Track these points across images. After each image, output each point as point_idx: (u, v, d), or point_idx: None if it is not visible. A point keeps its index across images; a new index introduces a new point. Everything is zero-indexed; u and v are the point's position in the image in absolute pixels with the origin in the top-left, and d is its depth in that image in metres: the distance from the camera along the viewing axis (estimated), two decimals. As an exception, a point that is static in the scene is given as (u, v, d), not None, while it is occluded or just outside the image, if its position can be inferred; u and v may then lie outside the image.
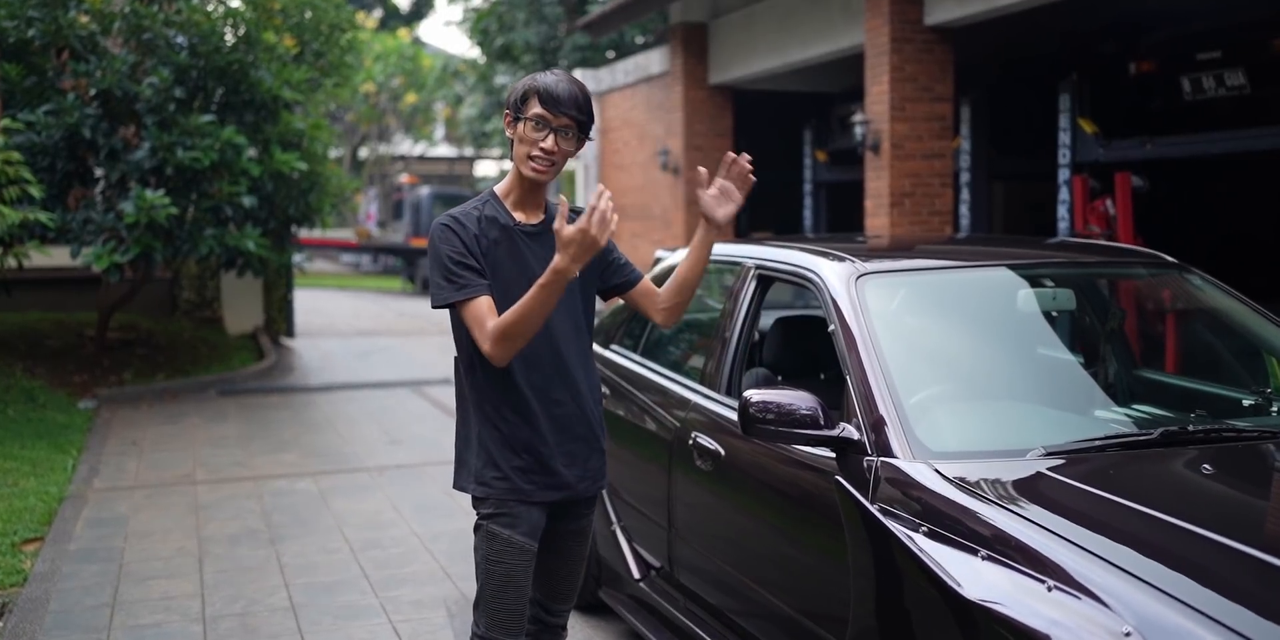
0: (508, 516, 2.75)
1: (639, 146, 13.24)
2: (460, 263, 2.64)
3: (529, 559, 2.77)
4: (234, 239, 9.49)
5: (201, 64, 9.38)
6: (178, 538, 5.74)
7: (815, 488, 2.97)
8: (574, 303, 2.82)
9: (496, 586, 2.76)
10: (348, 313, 18.36)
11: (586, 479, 2.86)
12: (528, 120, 2.66)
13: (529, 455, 2.75)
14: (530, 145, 2.67)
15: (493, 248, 2.71)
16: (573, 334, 2.81)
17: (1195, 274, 3.61)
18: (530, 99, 2.66)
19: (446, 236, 2.68)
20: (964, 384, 3.18)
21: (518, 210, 2.77)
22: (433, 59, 30.20)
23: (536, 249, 2.75)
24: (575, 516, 2.92)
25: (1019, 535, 2.33)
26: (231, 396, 10.21)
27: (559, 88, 2.65)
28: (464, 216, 2.72)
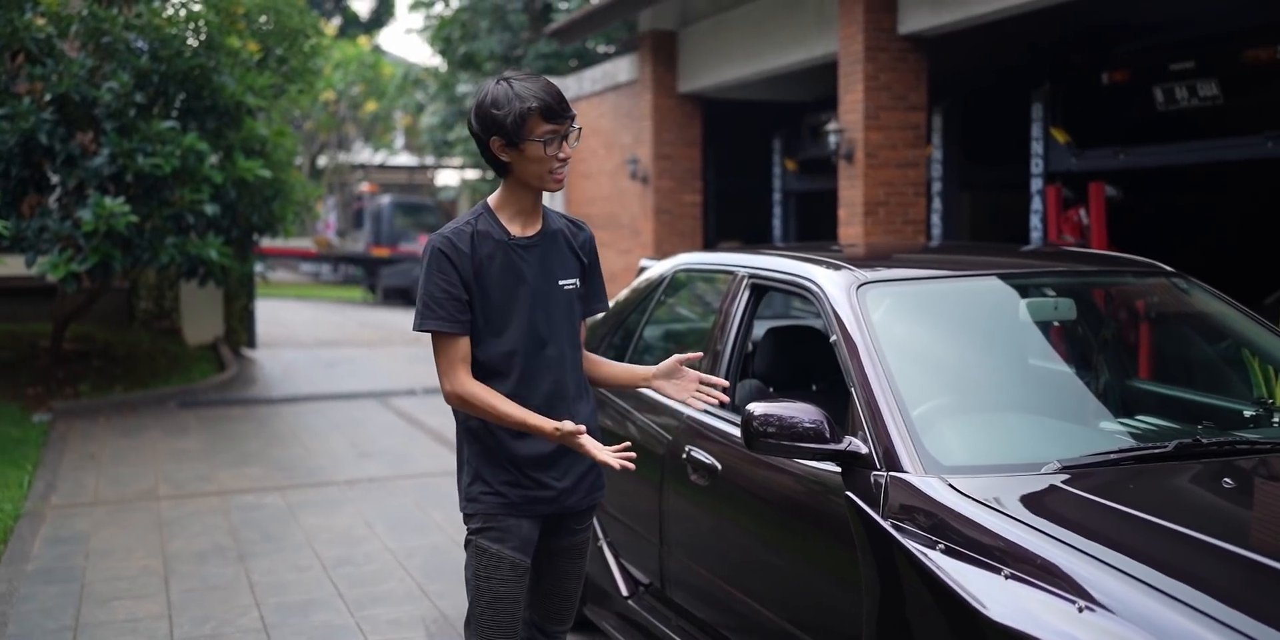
0: (496, 531, 2.71)
1: (606, 155, 13.15)
2: (446, 293, 2.63)
3: (519, 574, 2.72)
4: (196, 248, 9.29)
5: (163, 68, 9.18)
6: (141, 556, 5.56)
7: (820, 503, 2.87)
8: (569, 314, 2.78)
9: (487, 603, 2.71)
10: (309, 323, 18.10)
11: (578, 491, 2.80)
12: (537, 142, 2.59)
13: (516, 469, 2.71)
14: (548, 162, 2.63)
15: (486, 262, 2.67)
16: (566, 346, 2.77)
17: (1193, 282, 3.57)
18: (530, 120, 2.57)
19: (439, 263, 2.65)
20: (969, 396, 3.11)
21: (513, 223, 2.73)
22: (393, 67, 29.97)
23: (531, 261, 2.71)
24: (569, 532, 2.85)
25: (1044, 553, 2.25)
26: (192, 409, 9.99)
27: (551, 96, 2.59)
28: (457, 237, 2.67)
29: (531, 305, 2.70)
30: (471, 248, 2.66)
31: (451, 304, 2.63)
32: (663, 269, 4.32)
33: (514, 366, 2.70)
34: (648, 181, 11.78)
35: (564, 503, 2.77)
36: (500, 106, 2.57)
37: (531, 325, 2.70)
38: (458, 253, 2.65)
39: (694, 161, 11.81)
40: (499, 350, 2.69)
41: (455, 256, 2.64)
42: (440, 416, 9.24)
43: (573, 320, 2.79)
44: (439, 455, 7.93)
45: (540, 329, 2.71)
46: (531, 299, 2.70)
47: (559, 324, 2.74)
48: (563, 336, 2.75)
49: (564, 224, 2.83)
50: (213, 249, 9.33)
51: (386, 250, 22.97)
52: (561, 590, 2.91)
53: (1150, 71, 7.45)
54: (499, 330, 2.69)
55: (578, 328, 2.81)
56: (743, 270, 3.72)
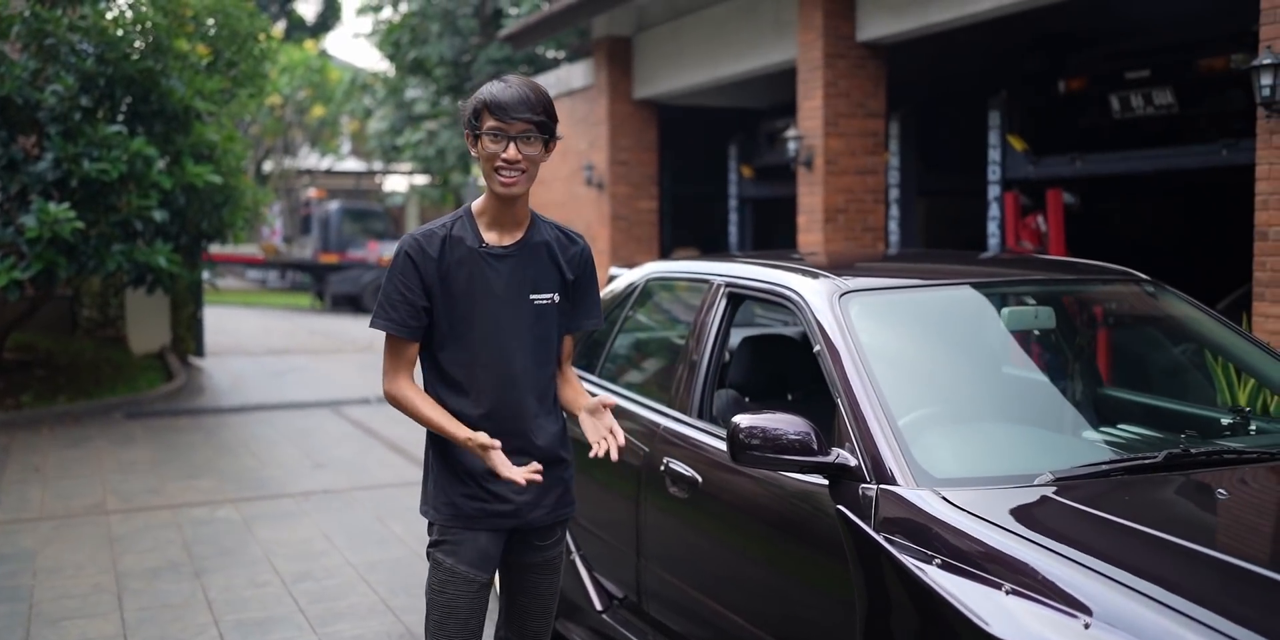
0: (450, 544, 2.68)
1: (561, 161, 13.07)
2: (402, 297, 2.62)
3: (474, 590, 2.68)
4: (144, 255, 9.08)
5: (109, 71, 8.96)
6: (92, 573, 5.39)
7: (806, 516, 2.82)
8: (541, 330, 2.71)
9: (439, 617, 2.69)
10: (257, 331, 17.81)
11: (541, 506, 2.74)
12: (484, 135, 2.57)
13: (473, 481, 2.67)
14: (490, 159, 2.58)
15: (454, 269, 2.63)
16: (531, 362, 2.70)
17: (1166, 289, 3.57)
18: (482, 114, 2.58)
19: (403, 266, 2.64)
20: (953, 405, 3.07)
21: (491, 230, 2.68)
22: (340, 72, 29.66)
23: (502, 271, 2.65)
24: (536, 548, 2.80)
25: (1045, 568, 2.21)
26: (139, 419, 9.76)
27: (505, 94, 2.56)
28: (427, 240, 2.64)
29: (496, 318, 2.65)
30: (440, 252, 2.62)
31: (405, 308, 2.61)
32: (633, 278, 4.25)
33: (471, 378, 2.66)
34: (603, 187, 11.72)
35: (525, 517, 2.71)
36: (471, 101, 2.62)
37: (493, 338, 2.65)
38: (424, 256, 2.61)
39: (650, 167, 11.77)
40: (458, 359, 2.66)
41: (420, 260, 2.61)
42: (396, 426, 9.10)
43: (544, 336, 2.71)
44: (396, 466, 7.80)
45: (502, 343, 2.65)
46: (497, 311, 2.65)
47: (525, 339, 2.67)
48: (528, 352, 2.68)
49: (555, 236, 2.76)
50: (161, 256, 9.13)
51: (335, 257, 22.68)
52: (536, 608, 2.85)
53: (1106, 80, 7.51)
54: (460, 339, 2.65)
55: (551, 343, 2.74)
56: (719, 279, 3.67)
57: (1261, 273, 5.28)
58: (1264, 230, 5.27)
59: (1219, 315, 3.53)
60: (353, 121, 31.05)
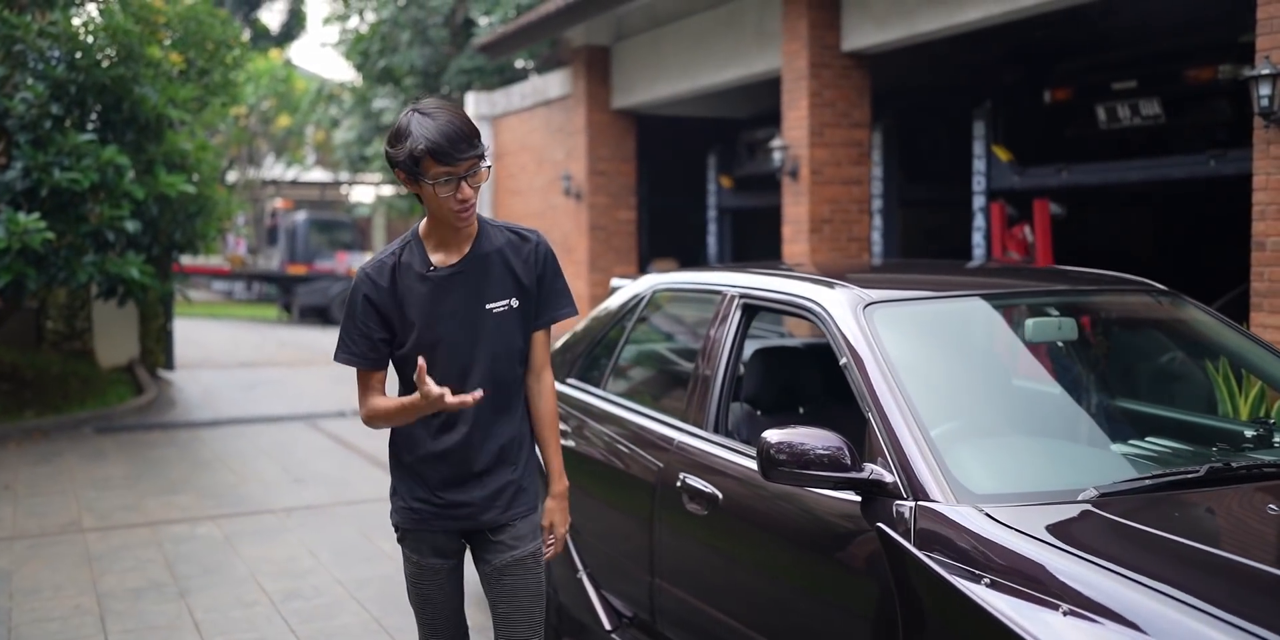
0: (412, 541, 2.82)
1: (537, 171, 12.97)
2: (359, 331, 2.69)
3: (443, 577, 2.81)
4: (115, 266, 8.89)
5: (80, 79, 8.78)
6: (72, 594, 5.22)
7: (839, 534, 2.74)
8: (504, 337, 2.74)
9: (418, 605, 2.86)
10: (226, 343, 17.56)
11: (494, 507, 2.76)
12: (432, 183, 2.54)
13: (426, 488, 2.76)
14: (446, 203, 2.57)
15: (408, 291, 2.69)
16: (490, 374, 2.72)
17: (1186, 300, 3.53)
18: (423, 161, 2.51)
19: (359, 302, 2.70)
20: (981, 419, 3.01)
21: (439, 251, 2.71)
22: (306, 82, 29.41)
23: (455, 290, 2.70)
24: (502, 547, 2.78)
25: (1103, 587, 2.14)
26: (110, 434, 9.55)
27: (444, 136, 2.49)
28: (378, 272, 2.69)
29: (454, 335, 2.69)
30: (391, 282, 2.68)
31: (364, 342, 2.69)
32: (639, 289, 4.16)
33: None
34: (581, 198, 11.63)
35: (479, 519, 2.76)
36: (396, 143, 2.55)
37: (454, 355, 2.70)
38: (377, 290, 2.68)
39: (629, 178, 11.70)
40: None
41: (374, 294, 2.68)
42: (374, 440, 8.95)
43: (506, 343, 2.74)
44: (378, 480, 7.65)
45: (462, 360, 2.70)
46: (454, 329, 2.69)
47: (485, 350, 2.71)
48: (488, 363, 2.71)
49: (506, 240, 2.75)
50: (133, 267, 8.95)
51: (303, 268, 22.42)
52: (518, 612, 2.79)
53: (1093, 90, 7.52)
54: (427, 362, 2.62)
55: (514, 349, 2.76)
56: (732, 290, 3.59)
57: (1259, 283, 5.27)
58: (1261, 240, 5.26)
59: (1236, 325, 3.49)
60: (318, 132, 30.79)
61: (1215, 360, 3.66)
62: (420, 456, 2.74)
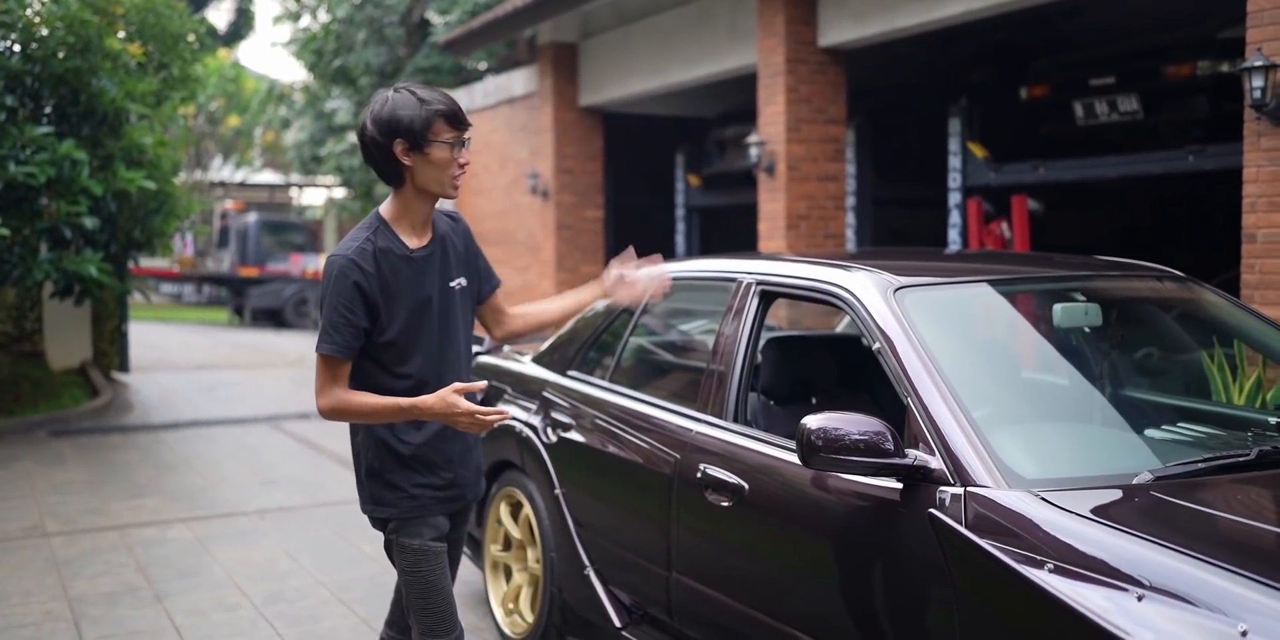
0: (414, 526, 2.82)
1: (500, 170, 12.83)
2: (345, 320, 2.68)
3: (443, 561, 2.86)
4: (73, 263, 8.63)
5: (36, 70, 8.52)
6: (42, 599, 5.01)
7: (882, 522, 2.66)
8: (465, 313, 2.89)
9: (420, 593, 2.83)
10: (179, 345, 17.19)
11: (477, 485, 2.96)
12: (443, 144, 2.67)
13: (427, 471, 2.81)
14: (450, 166, 2.70)
15: (391, 276, 2.73)
16: (464, 347, 2.88)
17: (1205, 287, 3.50)
18: (435, 123, 2.66)
19: (346, 290, 2.68)
20: (1014, 403, 2.94)
21: (409, 234, 2.79)
22: (256, 82, 28.98)
23: (431, 271, 2.80)
24: (459, 524, 3.00)
25: (1177, 571, 2.07)
26: (66, 437, 9.27)
27: (449, 103, 2.70)
28: (361, 257, 2.70)
29: (434, 314, 2.79)
30: (376, 266, 2.70)
31: (350, 331, 2.69)
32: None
33: (426, 377, 2.78)
34: (548, 196, 11.51)
35: (467, 496, 2.92)
36: (406, 110, 2.65)
37: (438, 333, 2.80)
38: (365, 276, 2.68)
39: (595, 176, 11.59)
40: (412, 366, 2.77)
41: (364, 281, 2.68)
42: (340, 440, 8.75)
43: (468, 317, 2.92)
44: (349, 481, 7.46)
45: (444, 336, 2.82)
46: (434, 308, 2.79)
47: (458, 325, 2.86)
48: (461, 337, 2.87)
49: (447, 225, 2.91)
50: (92, 265, 8.69)
51: (255, 270, 22.04)
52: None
53: (1071, 87, 7.54)
54: (408, 344, 2.75)
55: (472, 322, 2.95)
56: (748, 277, 3.50)
57: (1250, 275, 5.28)
58: (1252, 233, 5.27)
59: (1254, 310, 3.47)
60: (268, 133, 30.34)
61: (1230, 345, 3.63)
62: (420, 441, 2.80)
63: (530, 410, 4.23)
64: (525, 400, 4.31)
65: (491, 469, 4.44)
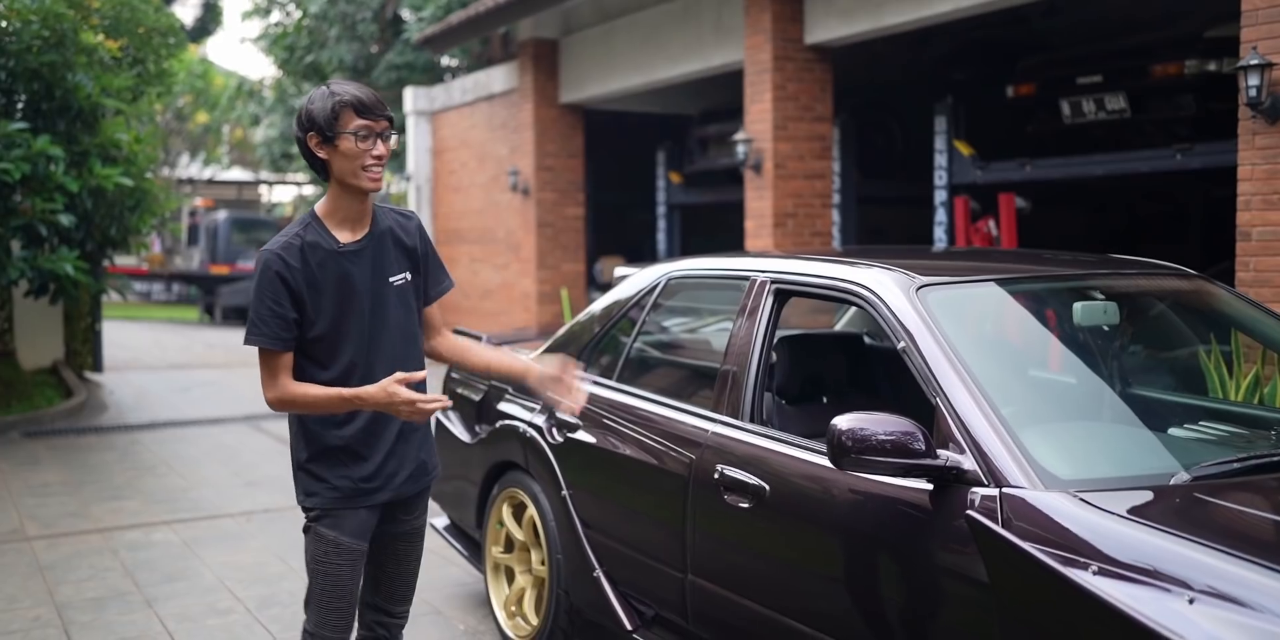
0: (333, 518, 2.83)
1: (478, 167, 12.73)
2: (272, 311, 2.72)
3: (356, 558, 2.86)
4: (49, 262, 8.47)
5: (10, 64, 8.35)
6: (28, 605, 4.90)
7: (906, 524, 2.63)
8: (404, 310, 2.87)
9: (324, 585, 2.85)
10: (151, 345, 16.98)
11: (412, 479, 2.92)
12: (350, 135, 2.67)
13: (351, 463, 2.82)
14: (361, 157, 2.69)
15: (318, 270, 2.75)
16: (400, 342, 2.86)
17: (1219, 286, 3.49)
18: (344, 114, 2.67)
19: (270, 282, 2.72)
20: (1043, 403, 2.92)
21: (342, 229, 2.80)
22: (225, 78, 28.68)
23: (362, 265, 2.80)
24: (402, 520, 2.98)
25: (1229, 574, 2.05)
26: (40, 438, 9.10)
27: (365, 94, 2.70)
28: (287, 252, 2.73)
29: (365, 308, 2.79)
30: (302, 261, 2.73)
31: (276, 322, 2.72)
32: (651, 277, 4.01)
33: (350, 367, 2.79)
34: (529, 194, 11.43)
35: (396, 489, 2.89)
36: (315, 102, 2.69)
37: (368, 328, 2.80)
38: (289, 269, 2.71)
39: (576, 173, 11.53)
40: (341, 360, 2.79)
41: (287, 273, 2.71)
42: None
43: (407, 313, 2.88)
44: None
45: (375, 331, 2.81)
46: (365, 302, 2.79)
47: (393, 321, 2.84)
48: (397, 333, 2.85)
49: (394, 219, 2.91)
50: (68, 263, 8.54)
51: (226, 268, 21.81)
52: (402, 572, 3.03)
53: (1058, 85, 7.55)
54: (337, 339, 2.78)
55: (414, 318, 2.92)
56: (762, 275, 3.46)
57: (1244, 273, 5.30)
58: (1247, 230, 5.29)
59: (1268, 308, 3.46)
60: (236, 129, 30.04)
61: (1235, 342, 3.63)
62: (349, 434, 2.81)
63: (534, 410, 4.17)
64: (528, 400, 4.25)
65: (493, 470, 4.39)
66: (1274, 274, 5.20)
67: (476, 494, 4.49)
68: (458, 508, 4.77)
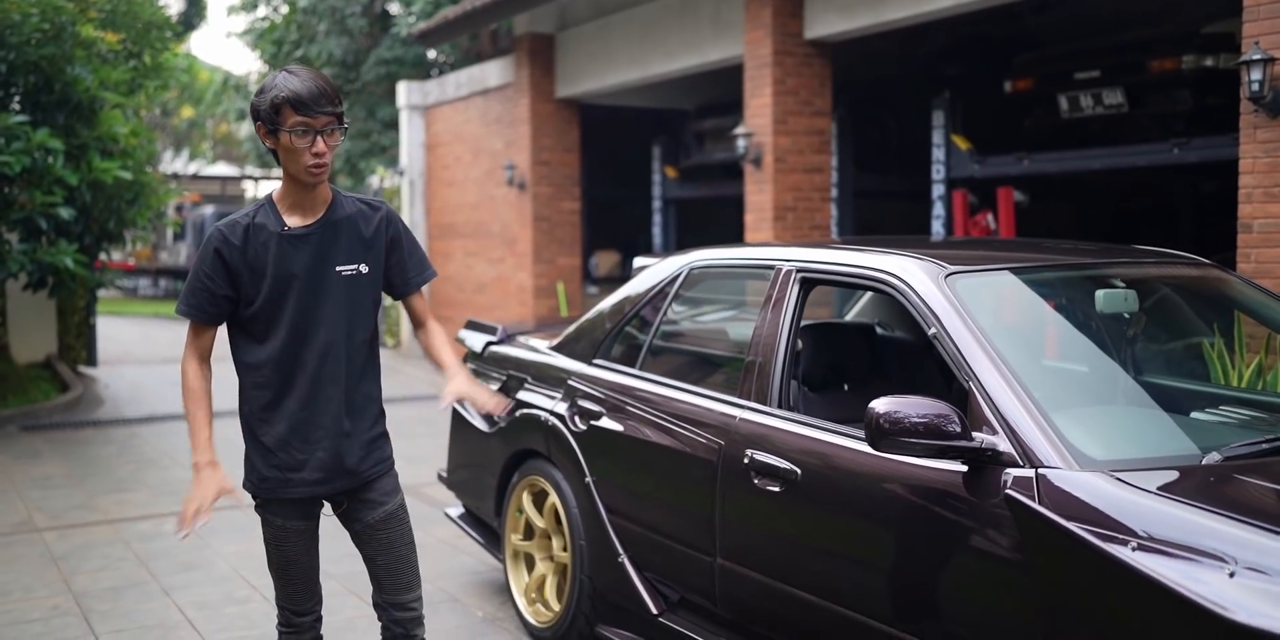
0: (275, 505, 2.90)
1: (473, 162, 12.76)
2: (203, 285, 2.77)
3: (307, 538, 2.93)
4: (49, 255, 8.47)
5: (11, 57, 8.34)
6: (45, 595, 4.93)
7: (942, 505, 2.69)
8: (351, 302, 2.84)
9: (280, 566, 2.95)
10: (141, 339, 16.94)
11: (352, 471, 2.88)
12: (289, 132, 2.65)
13: (276, 454, 2.84)
14: (300, 154, 2.68)
15: (260, 252, 2.77)
16: (343, 334, 2.84)
17: (1232, 274, 3.57)
18: (283, 110, 2.64)
19: (208, 257, 2.78)
20: (1074, 387, 2.99)
21: (293, 213, 2.81)
22: (210, 73, 28.56)
23: (304, 250, 2.79)
24: (370, 505, 2.94)
25: (1271, 548, 2.12)
26: (38, 432, 9.10)
27: (306, 89, 2.64)
28: (230, 230, 2.78)
29: (302, 293, 2.79)
30: (244, 240, 2.76)
31: (204, 296, 2.77)
32: (673, 267, 4.06)
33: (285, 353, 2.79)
34: (525, 188, 11.47)
35: (333, 486, 2.88)
36: (261, 93, 2.68)
37: (303, 313, 2.79)
38: (228, 246, 2.75)
39: (572, 168, 11.57)
40: (271, 336, 2.80)
41: (226, 250, 2.75)
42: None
43: (357, 305, 2.85)
44: (339, 474, 7.40)
45: (311, 318, 2.79)
46: (303, 288, 2.79)
47: (335, 310, 2.81)
48: (339, 323, 2.82)
49: (357, 209, 2.88)
50: (67, 257, 8.54)
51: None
52: (396, 561, 2.97)
53: (1055, 80, 7.63)
54: (272, 316, 2.79)
55: (366, 311, 2.88)
56: (787, 265, 3.52)
57: (1245, 264, 5.38)
58: (1248, 223, 5.37)
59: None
60: (221, 125, 29.92)
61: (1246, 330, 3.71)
62: (279, 423, 2.83)
63: (555, 398, 4.22)
64: (549, 389, 4.30)
65: (512, 458, 4.43)
66: (1275, 265, 5.28)
67: (495, 482, 4.54)
68: (475, 496, 4.82)
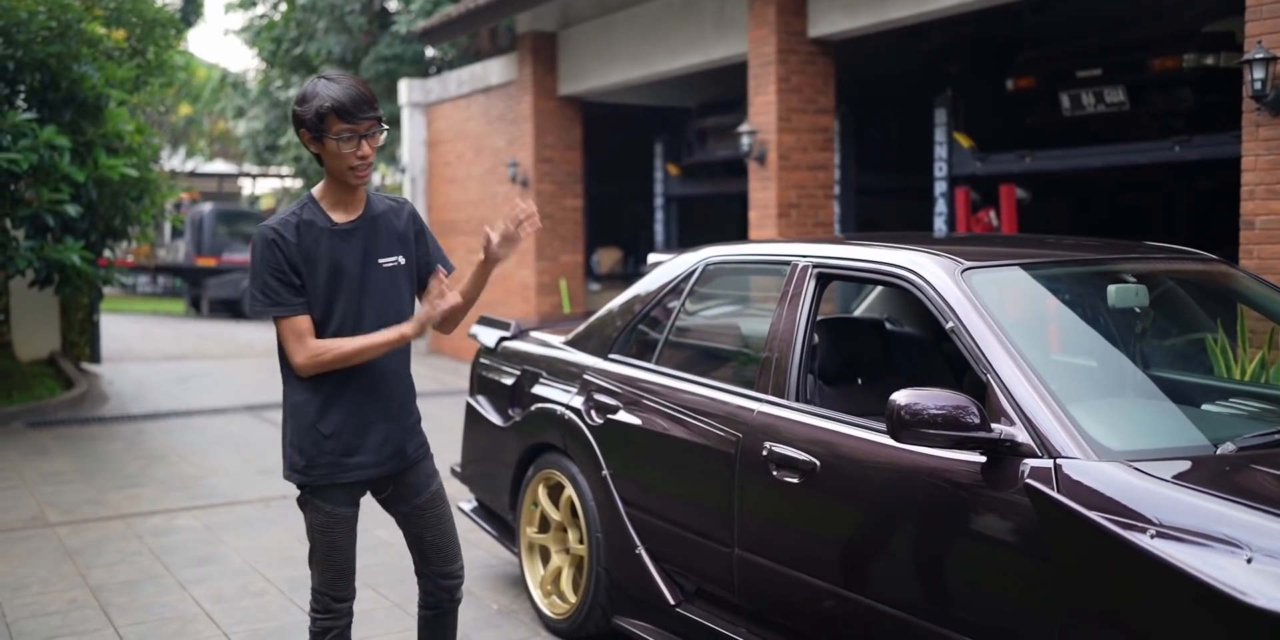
0: (325, 492, 2.99)
1: (475, 159, 12.80)
2: (279, 279, 2.87)
3: (352, 525, 3.04)
4: (56, 252, 8.50)
5: (18, 55, 8.37)
6: (62, 588, 4.98)
7: (962, 495, 2.75)
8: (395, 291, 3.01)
9: (325, 551, 3.05)
10: (142, 336, 16.96)
11: (399, 456, 3.05)
12: (335, 139, 2.81)
13: (332, 442, 2.94)
14: (346, 158, 2.85)
15: (312, 247, 2.91)
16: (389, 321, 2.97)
17: (1239, 270, 3.63)
18: (328, 118, 2.79)
19: (268, 252, 2.88)
20: (1088, 380, 3.04)
21: (336, 210, 2.96)
22: (208, 70, 28.57)
23: (353, 245, 2.95)
24: (415, 489, 3.11)
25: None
26: (45, 428, 9.13)
27: (348, 97, 2.80)
28: (283, 226, 2.89)
29: (352, 285, 2.94)
30: (297, 236, 2.89)
31: (285, 289, 2.87)
32: (689, 262, 4.12)
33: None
34: (528, 185, 11.51)
35: (386, 468, 3.03)
36: (303, 102, 2.83)
37: (354, 303, 2.94)
38: (284, 242, 2.87)
39: (574, 165, 11.62)
40: (329, 332, 2.93)
41: (283, 244, 2.87)
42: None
43: (397, 294, 3.02)
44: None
45: (361, 307, 2.95)
46: (353, 279, 2.94)
47: (380, 299, 2.98)
48: (383, 311, 2.98)
49: (387, 205, 3.06)
50: (74, 253, 8.57)
51: (212, 260, 21.76)
52: (442, 537, 3.18)
53: (1057, 78, 7.69)
54: (325, 314, 2.92)
55: (404, 299, 3.05)
56: (803, 261, 3.58)
57: (1248, 261, 5.45)
58: (1250, 220, 5.44)
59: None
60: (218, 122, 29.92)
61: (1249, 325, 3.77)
62: (337, 410, 2.93)
63: (571, 393, 4.28)
64: (564, 384, 4.35)
65: (528, 452, 4.49)
66: (1277, 261, 5.35)
67: (510, 476, 4.59)
68: (489, 490, 4.87)
